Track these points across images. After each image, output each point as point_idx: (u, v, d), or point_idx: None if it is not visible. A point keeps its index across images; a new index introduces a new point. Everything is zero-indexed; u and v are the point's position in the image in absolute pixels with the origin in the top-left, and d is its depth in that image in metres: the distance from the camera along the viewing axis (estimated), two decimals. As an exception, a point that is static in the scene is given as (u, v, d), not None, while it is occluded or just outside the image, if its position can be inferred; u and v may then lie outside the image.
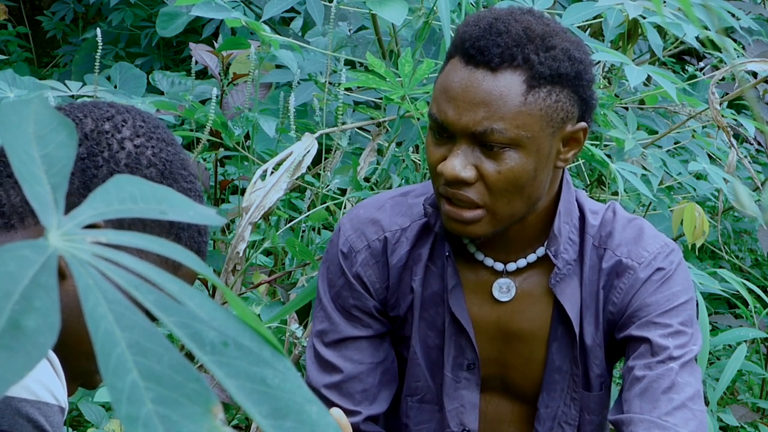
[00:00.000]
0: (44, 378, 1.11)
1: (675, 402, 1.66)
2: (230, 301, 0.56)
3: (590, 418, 1.81)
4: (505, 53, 1.61)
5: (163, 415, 0.49)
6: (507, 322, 1.78)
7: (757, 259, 4.44)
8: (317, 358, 1.79)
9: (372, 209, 1.82)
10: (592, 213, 1.77)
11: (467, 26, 1.65)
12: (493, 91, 1.61)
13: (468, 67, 1.62)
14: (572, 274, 1.75)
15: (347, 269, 1.78)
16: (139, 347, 0.51)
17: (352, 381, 1.77)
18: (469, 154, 1.63)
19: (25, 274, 0.52)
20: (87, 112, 1.21)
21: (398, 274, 1.79)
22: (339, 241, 1.80)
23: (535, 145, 1.63)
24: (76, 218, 0.56)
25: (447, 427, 1.82)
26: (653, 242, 1.76)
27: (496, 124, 1.61)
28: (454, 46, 1.66)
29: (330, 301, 1.79)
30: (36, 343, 0.50)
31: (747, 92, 3.34)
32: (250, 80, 2.79)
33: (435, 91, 1.66)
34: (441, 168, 1.63)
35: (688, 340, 1.71)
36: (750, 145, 4.03)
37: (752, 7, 4.12)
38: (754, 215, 3.50)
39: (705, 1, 2.21)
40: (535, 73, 1.61)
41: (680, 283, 1.75)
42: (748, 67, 2.71)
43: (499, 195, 1.63)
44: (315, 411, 0.52)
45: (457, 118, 1.62)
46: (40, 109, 0.62)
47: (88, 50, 5.39)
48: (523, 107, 1.61)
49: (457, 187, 1.63)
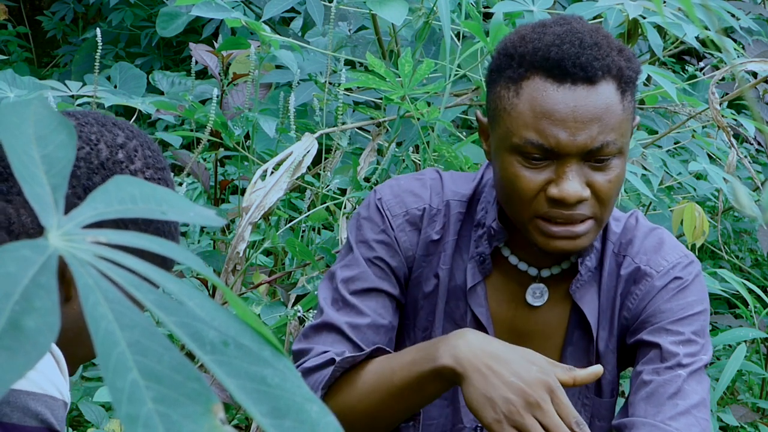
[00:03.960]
0: (50, 374, 1.13)
1: (680, 408, 1.66)
2: (230, 301, 0.56)
3: (600, 424, 1.81)
4: (604, 65, 1.60)
5: (164, 414, 0.49)
6: (524, 324, 1.78)
7: (757, 259, 4.44)
8: (340, 301, 1.75)
9: (413, 181, 1.82)
10: (614, 220, 1.78)
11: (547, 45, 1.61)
12: (599, 104, 1.60)
13: (564, 86, 1.60)
14: (592, 281, 1.76)
15: (386, 227, 1.78)
16: (140, 346, 0.51)
17: (373, 329, 1.74)
18: (581, 172, 1.62)
19: (25, 274, 0.52)
20: (99, 135, 1.24)
21: (426, 250, 1.79)
22: (376, 202, 1.79)
23: (627, 147, 1.66)
24: (75, 218, 0.56)
25: (459, 422, 1.82)
26: (673, 252, 1.77)
27: (609, 137, 1.61)
28: (530, 66, 1.61)
29: (361, 254, 1.77)
30: (36, 343, 0.50)
31: (747, 92, 3.34)
32: (250, 80, 2.79)
33: (524, 117, 1.61)
34: (559, 193, 1.60)
35: (699, 350, 1.72)
36: (750, 145, 4.03)
37: (752, 7, 4.12)
38: (754, 215, 3.50)
39: (705, 1, 2.21)
40: (625, 78, 1.62)
41: (696, 293, 1.75)
42: (748, 67, 2.72)
43: (607, 203, 1.64)
44: (315, 410, 0.53)
45: (571, 139, 1.60)
46: (40, 109, 0.62)
47: (88, 50, 5.39)
48: (622, 114, 1.62)
49: (573, 207, 1.62)
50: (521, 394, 1.53)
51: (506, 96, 1.64)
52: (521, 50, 1.63)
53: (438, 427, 1.83)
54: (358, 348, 1.72)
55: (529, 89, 1.62)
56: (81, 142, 1.22)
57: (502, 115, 1.64)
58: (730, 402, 3.68)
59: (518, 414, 1.53)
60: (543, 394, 1.53)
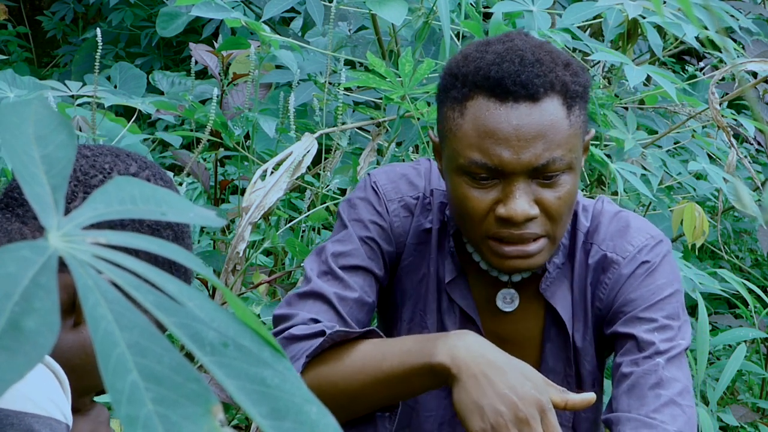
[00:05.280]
0: (54, 396, 1.14)
1: (663, 398, 1.65)
2: (230, 302, 0.56)
3: (585, 416, 1.81)
4: (546, 82, 1.59)
5: (163, 415, 0.49)
6: (503, 327, 1.78)
7: (757, 259, 4.44)
8: (329, 273, 1.75)
9: (409, 169, 1.82)
10: (584, 211, 1.77)
11: (488, 64, 1.61)
12: (543, 121, 1.59)
13: (507, 104, 1.60)
14: (561, 277, 1.75)
15: (381, 210, 1.78)
16: (139, 347, 0.51)
17: (359, 306, 1.73)
18: (528, 190, 1.61)
19: (25, 274, 0.52)
20: (112, 165, 1.27)
21: (418, 238, 1.79)
22: (372, 185, 1.79)
23: (578, 162, 1.65)
24: (75, 219, 0.56)
25: None
26: (639, 235, 1.75)
27: (555, 153, 1.60)
28: (473, 85, 1.61)
29: (356, 231, 1.77)
30: (36, 344, 0.50)
31: (747, 92, 3.34)
32: (250, 80, 2.79)
33: (468, 137, 1.61)
34: (506, 212, 1.60)
35: (674, 334, 1.70)
36: (750, 145, 4.03)
37: (752, 7, 4.12)
38: (754, 215, 3.50)
39: (705, 1, 2.21)
40: (571, 93, 1.62)
41: (665, 275, 1.74)
42: (748, 67, 2.72)
43: (559, 220, 1.63)
44: (314, 411, 0.53)
45: (516, 158, 1.59)
46: (39, 109, 0.62)
47: (88, 50, 5.39)
48: (570, 129, 1.61)
49: (522, 227, 1.61)
50: (512, 408, 1.52)
51: (452, 117, 1.63)
52: (464, 70, 1.62)
53: (437, 419, 1.83)
54: (343, 320, 1.71)
55: (472, 109, 1.61)
56: (95, 170, 1.26)
57: (449, 136, 1.64)
58: (730, 402, 3.68)
59: (506, 427, 1.52)
60: (534, 411, 1.53)
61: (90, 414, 1.31)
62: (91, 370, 1.22)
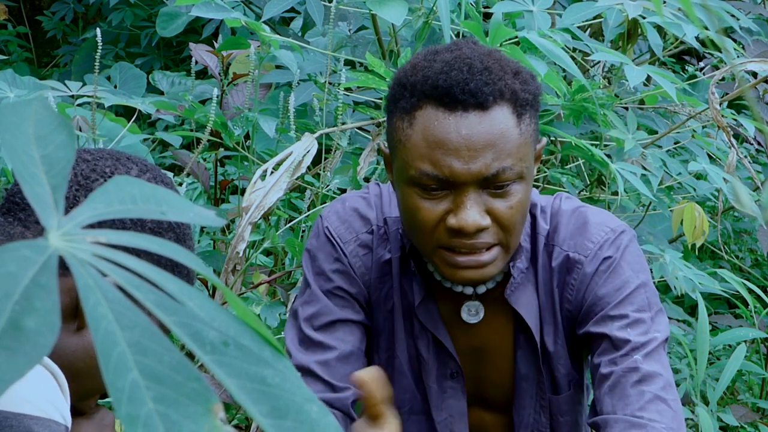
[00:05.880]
0: (53, 398, 1.14)
1: (647, 395, 1.63)
2: (230, 301, 0.56)
3: (564, 419, 1.79)
4: (495, 90, 1.56)
5: (164, 414, 0.49)
6: (475, 338, 1.77)
7: (757, 259, 4.44)
8: (306, 341, 1.75)
9: (358, 200, 1.80)
10: (542, 213, 1.75)
11: (436, 72, 1.58)
12: (493, 130, 1.57)
13: (456, 114, 1.57)
14: (526, 282, 1.73)
15: (339, 255, 1.76)
16: (140, 346, 0.51)
17: (342, 361, 1.73)
18: (479, 200, 1.58)
19: (25, 274, 0.52)
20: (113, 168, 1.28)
21: (380, 271, 1.78)
22: (325, 231, 1.78)
23: (529, 171, 1.62)
24: (76, 218, 0.56)
25: None
26: (598, 230, 1.73)
27: (505, 162, 1.57)
28: (421, 95, 1.58)
29: (320, 288, 1.76)
30: (36, 344, 0.50)
31: (747, 92, 3.34)
32: (250, 80, 2.79)
33: (418, 148, 1.58)
34: (457, 223, 1.57)
35: (648, 327, 1.68)
36: (750, 145, 4.03)
37: (752, 7, 4.12)
38: (754, 215, 3.50)
39: (705, 1, 2.21)
40: (521, 101, 1.59)
41: (629, 268, 1.71)
42: (748, 67, 2.72)
43: (511, 229, 1.61)
44: (315, 410, 0.53)
45: (466, 168, 1.56)
46: (39, 109, 0.62)
47: (88, 50, 5.39)
48: (520, 138, 1.58)
49: (474, 236, 1.59)
50: None
51: (401, 127, 1.61)
52: (413, 79, 1.60)
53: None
54: (330, 385, 1.71)
55: (421, 119, 1.59)
56: (96, 174, 1.26)
57: (399, 147, 1.62)
58: (730, 402, 3.68)
59: None
60: None
61: (95, 417, 1.31)
62: (95, 373, 1.22)
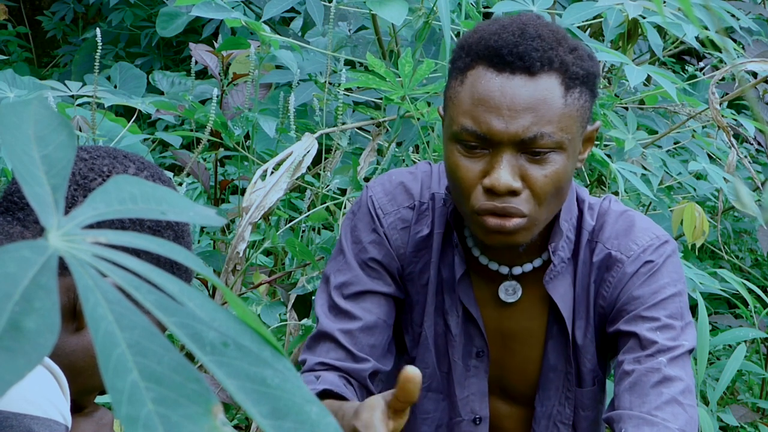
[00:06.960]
0: (53, 397, 1.14)
1: (664, 396, 1.64)
2: (230, 302, 0.56)
3: (585, 414, 1.81)
4: (544, 57, 1.59)
5: (164, 415, 0.49)
6: (507, 322, 1.78)
7: (757, 259, 4.44)
8: (334, 308, 1.77)
9: (406, 175, 1.82)
10: (589, 209, 1.77)
11: (490, 34, 1.62)
12: (536, 95, 1.59)
13: (503, 75, 1.60)
14: (565, 272, 1.75)
15: (377, 227, 1.78)
16: (140, 347, 0.51)
17: (366, 332, 1.75)
18: (514, 163, 1.60)
19: (25, 274, 0.52)
20: (111, 167, 1.28)
21: (417, 246, 1.79)
22: (368, 201, 1.80)
23: (572, 146, 1.63)
24: (76, 218, 0.56)
25: (457, 415, 1.82)
26: (644, 235, 1.75)
27: (545, 128, 1.59)
28: (475, 55, 1.62)
29: (354, 256, 1.78)
30: (36, 344, 0.50)
31: (747, 92, 3.34)
32: (250, 80, 2.79)
33: (463, 104, 1.62)
34: (490, 182, 1.59)
35: (677, 334, 1.70)
36: (750, 145, 4.03)
37: (752, 7, 4.12)
38: (754, 215, 3.50)
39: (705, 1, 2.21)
40: (571, 74, 1.61)
41: (668, 275, 1.73)
42: (748, 67, 2.72)
43: (544, 201, 1.62)
44: (315, 411, 0.52)
45: (504, 127, 1.59)
46: (39, 109, 0.62)
47: (88, 50, 5.39)
48: (564, 109, 1.60)
49: (505, 200, 1.60)
50: None
51: (454, 86, 1.65)
52: (470, 41, 1.64)
53: (434, 421, 1.83)
54: (351, 354, 1.73)
55: (471, 78, 1.62)
56: (94, 173, 1.26)
57: (449, 105, 1.66)
58: (730, 402, 3.69)
59: None
60: None
61: (93, 416, 1.31)
62: (95, 372, 1.22)
